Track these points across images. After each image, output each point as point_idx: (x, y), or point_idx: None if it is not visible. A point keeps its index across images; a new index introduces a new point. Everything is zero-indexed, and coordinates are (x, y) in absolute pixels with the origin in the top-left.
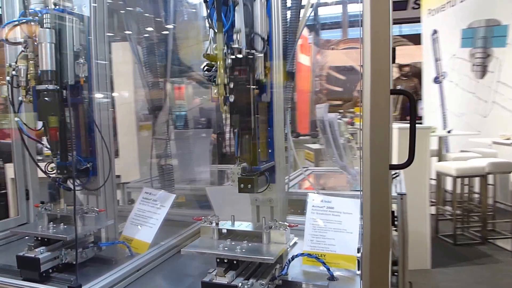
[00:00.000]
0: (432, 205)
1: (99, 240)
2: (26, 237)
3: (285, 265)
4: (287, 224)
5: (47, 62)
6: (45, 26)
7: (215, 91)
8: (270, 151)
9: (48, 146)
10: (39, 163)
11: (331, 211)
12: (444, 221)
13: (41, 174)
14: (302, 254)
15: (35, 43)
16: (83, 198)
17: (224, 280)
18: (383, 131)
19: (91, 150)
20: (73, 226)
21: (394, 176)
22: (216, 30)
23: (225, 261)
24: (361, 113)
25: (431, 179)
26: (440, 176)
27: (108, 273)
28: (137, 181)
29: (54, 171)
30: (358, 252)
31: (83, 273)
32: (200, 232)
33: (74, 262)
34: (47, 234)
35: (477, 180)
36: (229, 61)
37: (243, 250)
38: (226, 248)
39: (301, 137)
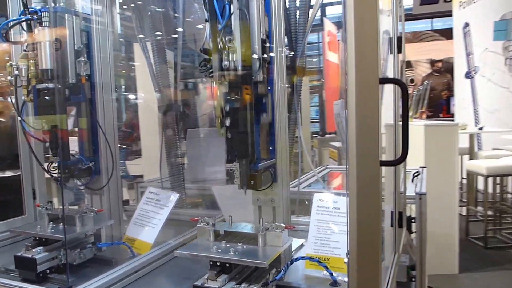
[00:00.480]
0: (462, 206)
1: (101, 240)
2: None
3: (282, 269)
4: (284, 225)
5: (46, 61)
6: (44, 25)
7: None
8: (271, 148)
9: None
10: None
11: (337, 212)
12: (475, 222)
13: None
14: (302, 258)
15: (35, 42)
16: (88, 198)
17: (215, 284)
18: (372, 124)
19: (94, 149)
20: (74, 226)
21: (415, 175)
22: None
23: (218, 264)
24: (346, 104)
25: (463, 178)
26: (471, 175)
27: (101, 275)
28: (150, 181)
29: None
30: None
31: (82, 274)
32: (197, 233)
33: (74, 263)
34: (43, 234)
35: (510, 179)
36: (225, 84)
37: (237, 252)
38: (219, 251)
39: (326, 135)
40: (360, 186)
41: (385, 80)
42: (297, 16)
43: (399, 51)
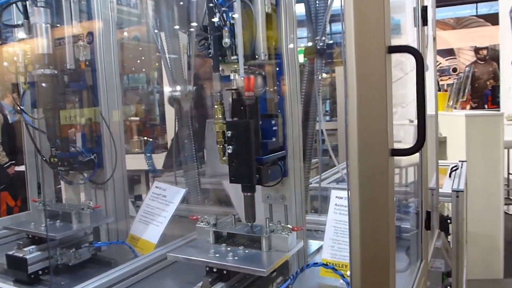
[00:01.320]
0: (508, 204)
1: (100, 239)
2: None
3: (291, 277)
4: (291, 227)
5: (43, 45)
6: (39, 5)
7: None
8: (281, 140)
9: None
10: None
11: None
12: None
13: None
14: (315, 264)
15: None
16: (92, 192)
17: None
18: (379, 104)
19: (96, 140)
20: (70, 223)
21: (453, 169)
22: None
23: (215, 270)
24: (345, 79)
25: (509, 173)
26: None
27: (93, 278)
28: (169, 175)
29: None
30: None
31: (77, 276)
32: (196, 234)
33: (70, 264)
34: (32, 231)
35: None
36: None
37: (236, 258)
38: (217, 255)
39: None
40: (363, 180)
41: (395, 49)
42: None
43: (424, 23)
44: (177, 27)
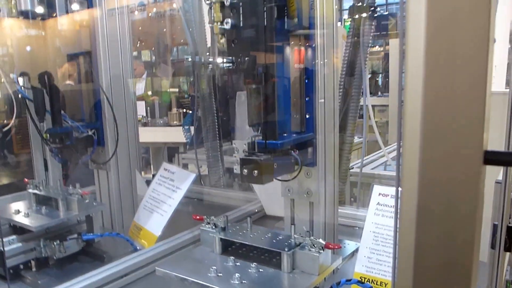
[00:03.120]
0: None
1: (93, 230)
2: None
3: None
4: (324, 243)
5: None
6: None
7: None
8: (307, 116)
9: None
10: None
11: None
12: None
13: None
14: (348, 282)
15: None
16: (95, 174)
17: None
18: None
19: (96, 113)
20: (57, 211)
21: None
22: None
23: None
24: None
25: None
26: None
27: (74, 279)
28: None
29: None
30: None
31: (63, 272)
32: (200, 238)
33: (54, 257)
34: (11, 220)
35: None
36: None
37: (244, 281)
38: (219, 274)
39: None
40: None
41: None
42: None
43: None
44: None
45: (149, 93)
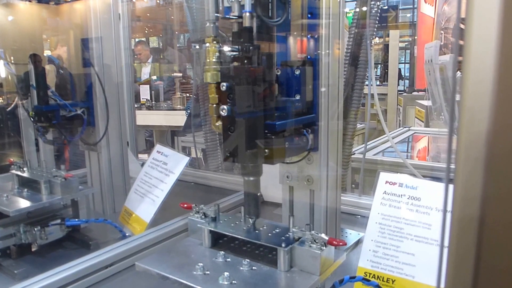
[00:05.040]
0: None
1: (78, 215)
2: None
3: None
4: (327, 238)
5: None
6: None
7: None
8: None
9: None
10: None
11: (416, 205)
12: None
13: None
14: (352, 279)
15: None
16: (86, 155)
17: None
18: None
19: (86, 92)
20: (40, 194)
21: None
22: None
23: None
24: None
25: None
26: None
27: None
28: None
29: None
30: None
31: (46, 260)
32: (188, 229)
33: (36, 244)
34: None
35: None
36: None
37: (234, 282)
38: (207, 272)
39: (414, 93)
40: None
41: None
42: None
43: None
44: None
45: (154, 77)
